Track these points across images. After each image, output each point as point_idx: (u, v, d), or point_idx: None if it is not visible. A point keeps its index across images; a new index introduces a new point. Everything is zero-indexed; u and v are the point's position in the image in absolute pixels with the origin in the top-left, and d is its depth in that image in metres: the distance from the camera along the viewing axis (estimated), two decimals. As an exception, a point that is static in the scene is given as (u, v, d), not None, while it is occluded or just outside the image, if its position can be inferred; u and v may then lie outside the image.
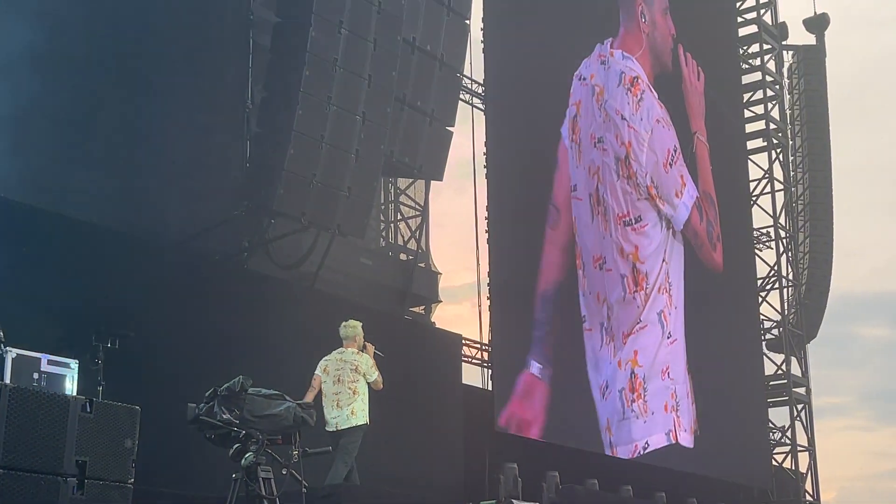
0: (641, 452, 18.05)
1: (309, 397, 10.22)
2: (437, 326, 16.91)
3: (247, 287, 12.48)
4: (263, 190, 12.02)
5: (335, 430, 10.35)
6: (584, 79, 18.47)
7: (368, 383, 10.55)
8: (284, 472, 7.45)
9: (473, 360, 17.82)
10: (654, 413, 18.31)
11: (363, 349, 10.71)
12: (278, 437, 7.55)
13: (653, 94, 19.62)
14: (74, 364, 8.77)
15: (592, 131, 18.32)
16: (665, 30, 20.60)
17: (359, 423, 10.38)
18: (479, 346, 17.74)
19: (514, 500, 13.11)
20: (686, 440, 19.07)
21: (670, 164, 19.54)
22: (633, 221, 18.54)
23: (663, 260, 19.03)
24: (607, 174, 18.26)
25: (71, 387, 8.50)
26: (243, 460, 7.30)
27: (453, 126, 14.84)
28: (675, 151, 19.86)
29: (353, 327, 10.84)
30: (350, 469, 10.35)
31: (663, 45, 20.51)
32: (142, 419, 6.97)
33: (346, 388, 10.39)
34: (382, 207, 18.73)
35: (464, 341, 16.77)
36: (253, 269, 12.93)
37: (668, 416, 18.72)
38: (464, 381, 15.93)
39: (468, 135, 17.60)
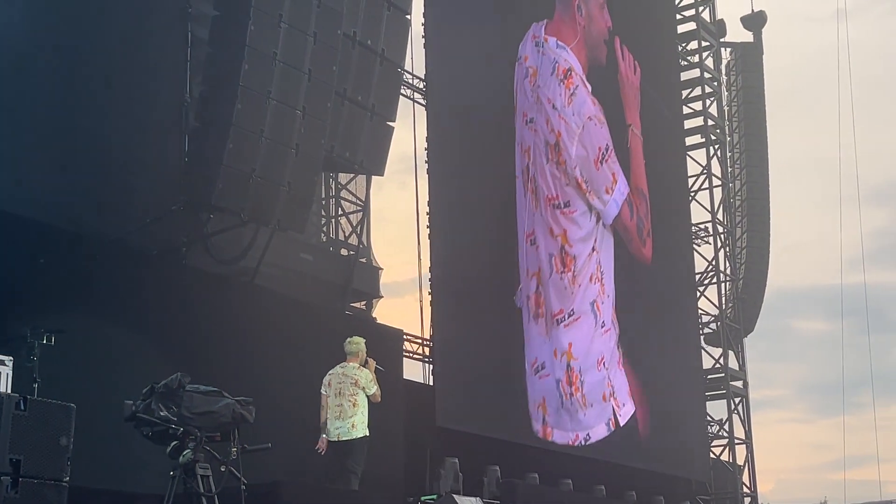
0: (582, 443, 18.11)
1: (322, 417, 11.31)
2: (378, 322, 16.88)
3: (185, 283, 12.37)
4: (202, 185, 11.89)
5: (336, 440, 11.15)
6: (519, 59, 18.52)
7: (368, 396, 11.28)
8: (223, 469, 7.41)
9: (415, 356, 17.81)
10: (594, 405, 18.39)
11: (365, 364, 11.43)
12: (217, 434, 7.50)
13: (586, 87, 19.58)
14: (9, 361, 8.66)
15: (525, 110, 18.34)
16: (601, 23, 20.63)
17: (358, 436, 11.17)
18: (420, 341, 17.73)
19: (455, 495, 13.13)
20: (627, 413, 19.10)
21: (601, 162, 19.52)
22: (563, 205, 18.54)
23: (594, 248, 19.00)
24: (538, 155, 18.27)
25: (5, 384, 8.39)
26: (181, 457, 7.25)
27: (394, 121, 14.81)
28: (608, 150, 19.83)
29: (356, 343, 11.63)
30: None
31: (598, 38, 20.47)
32: (78, 416, 6.88)
33: (347, 400, 11.15)
34: (323, 202, 18.63)
35: (405, 336, 16.76)
36: (192, 264, 12.81)
37: (608, 405, 18.79)
38: (405, 377, 15.93)
39: (410, 130, 17.61)
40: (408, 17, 15.10)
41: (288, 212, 12.53)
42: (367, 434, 11.21)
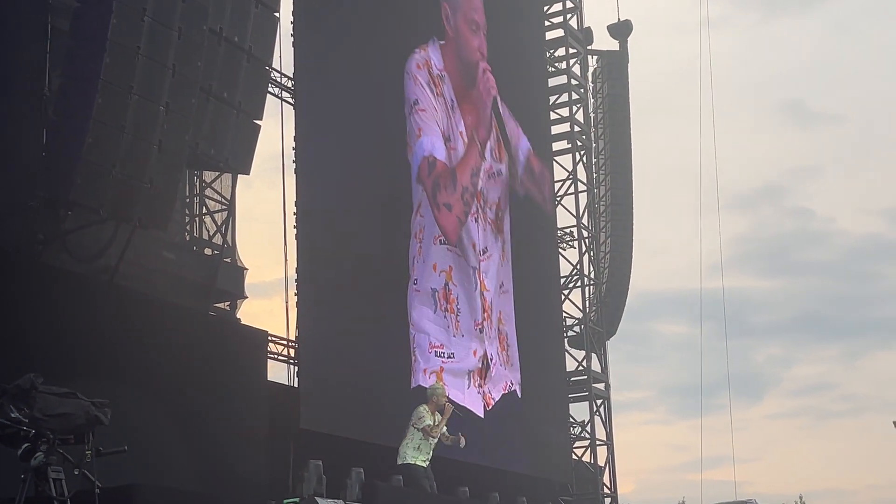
0: None
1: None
2: (242, 323, 16.66)
3: (41, 281, 12.01)
4: (60, 180, 11.56)
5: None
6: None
7: (420, 430, 12.99)
8: (76, 473, 7.23)
9: (280, 357, 17.64)
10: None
11: (442, 408, 12.98)
12: (70, 437, 7.32)
13: (429, 59, 19.71)
14: None
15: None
16: (473, 44, 20.77)
17: (399, 463, 13.01)
18: (285, 342, 17.57)
19: (318, 498, 13.06)
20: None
21: (408, 113, 19.23)
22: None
23: (417, 210, 19.00)
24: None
25: None
26: (33, 460, 7.05)
27: (261, 119, 14.62)
28: (415, 104, 19.33)
29: (432, 388, 13.52)
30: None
31: (468, 53, 20.67)
32: (-78, 419, 6.62)
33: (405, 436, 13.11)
34: (187, 200, 18.29)
35: (270, 338, 16.58)
36: (48, 262, 12.46)
37: None
38: (270, 378, 15.77)
39: (278, 129, 17.41)
40: (276, 14, 14.92)
41: (149, 209, 12.27)
42: (410, 462, 12.89)
